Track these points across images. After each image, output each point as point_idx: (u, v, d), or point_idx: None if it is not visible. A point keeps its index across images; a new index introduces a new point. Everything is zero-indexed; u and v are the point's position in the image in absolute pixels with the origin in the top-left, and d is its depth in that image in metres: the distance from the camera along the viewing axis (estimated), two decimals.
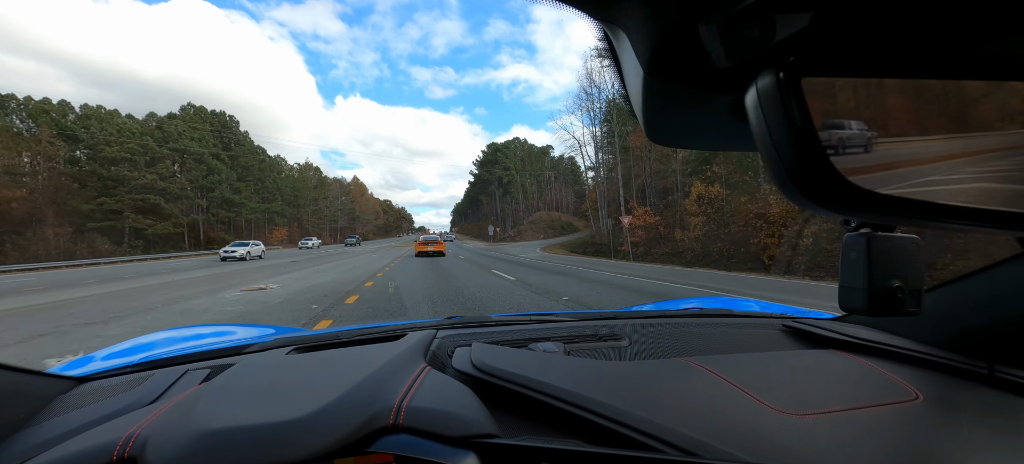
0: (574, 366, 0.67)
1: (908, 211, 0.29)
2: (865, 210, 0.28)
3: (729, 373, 0.66)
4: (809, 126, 0.26)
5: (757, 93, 0.28)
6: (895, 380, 0.64)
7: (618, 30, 0.34)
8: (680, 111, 0.40)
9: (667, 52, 0.31)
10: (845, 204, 0.28)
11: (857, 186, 0.27)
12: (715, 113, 0.39)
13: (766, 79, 0.27)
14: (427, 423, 0.51)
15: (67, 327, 5.51)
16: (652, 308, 1.46)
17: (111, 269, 20.54)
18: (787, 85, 0.27)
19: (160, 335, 1.27)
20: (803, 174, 0.27)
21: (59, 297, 8.94)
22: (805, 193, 0.28)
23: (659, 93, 0.36)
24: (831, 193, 0.27)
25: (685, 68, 0.33)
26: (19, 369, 0.64)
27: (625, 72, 0.39)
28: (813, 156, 0.26)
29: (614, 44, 0.37)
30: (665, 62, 0.32)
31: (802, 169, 0.27)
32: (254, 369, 0.66)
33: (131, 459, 0.46)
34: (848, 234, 0.42)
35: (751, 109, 0.29)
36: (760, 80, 0.28)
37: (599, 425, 0.52)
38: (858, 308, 0.40)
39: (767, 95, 0.27)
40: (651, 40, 0.31)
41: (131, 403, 0.63)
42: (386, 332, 0.90)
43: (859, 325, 0.88)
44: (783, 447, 0.49)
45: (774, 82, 0.27)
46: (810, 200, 0.28)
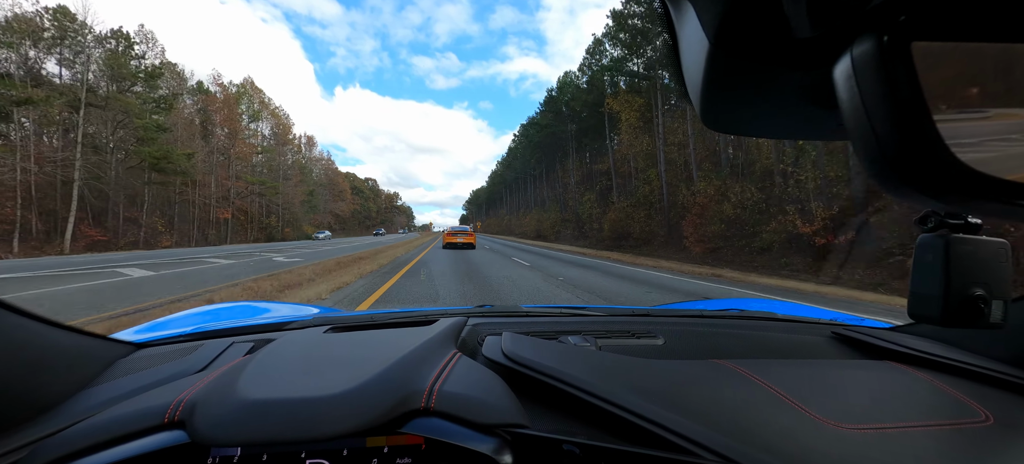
0: (606, 361, 0.67)
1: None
2: (983, 197, 0.24)
3: (772, 379, 0.63)
4: (919, 100, 0.23)
5: (852, 62, 0.24)
6: (961, 398, 0.61)
7: (682, 1, 0.32)
8: (744, 93, 0.36)
9: (739, 21, 0.29)
10: (955, 190, 0.24)
11: (976, 170, 0.23)
12: (784, 94, 0.35)
13: (865, 45, 0.24)
14: (458, 408, 0.52)
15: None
16: (688, 307, 1.41)
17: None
18: (892, 51, 0.23)
19: (208, 308, 1.44)
20: (906, 156, 0.24)
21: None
22: (905, 177, 0.24)
23: (723, 71, 0.33)
24: (939, 177, 0.24)
25: (758, 40, 0.30)
26: (88, 333, 0.71)
27: (684, 48, 0.36)
28: (920, 134, 0.23)
29: (674, 18, 0.35)
30: (735, 33, 0.29)
31: (905, 150, 0.23)
32: (293, 345, 0.70)
33: (180, 422, 0.51)
34: (923, 235, 0.39)
35: (842, 81, 0.25)
36: (857, 46, 0.24)
37: (631, 423, 0.51)
38: (930, 317, 0.38)
39: (866, 63, 0.24)
40: (722, 6, 0.28)
41: (181, 370, 0.69)
42: (418, 317, 0.94)
43: (919, 336, 0.85)
44: (832, 461, 0.47)
45: (875, 48, 0.24)
46: (911, 185, 0.24)
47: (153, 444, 0.49)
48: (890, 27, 0.23)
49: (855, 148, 0.25)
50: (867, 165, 0.25)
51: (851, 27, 0.25)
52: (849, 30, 0.25)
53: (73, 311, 5.29)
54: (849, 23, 0.25)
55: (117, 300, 6.17)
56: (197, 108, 41.52)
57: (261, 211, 48.75)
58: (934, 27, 0.23)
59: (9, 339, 0.56)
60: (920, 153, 0.23)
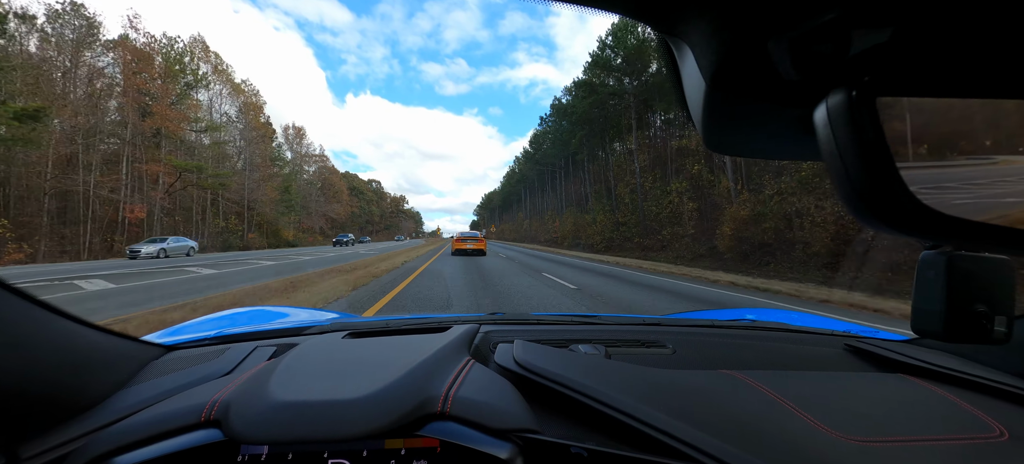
0: (615, 370, 0.68)
1: (983, 236, 0.28)
2: (938, 233, 0.28)
3: (783, 391, 0.63)
4: (882, 146, 0.26)
5: (827, 110, 0.27)
6: (975, 413, 0.60)
7: (681, 43, 0.34)
8: (742, 123, 0.39)
9: (732, 66, 0.31)
10: (918, 226, 0.27)
11: (931, 208, 0.26)
12: (779, 125, 0.38)
13: (838, 97, 0.27)
14: (473, 413, 0.55)
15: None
16: (699, 317, 1.36)
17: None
18: (860, 104, 0.26)
19: (229, 313, 1.46)
20: (874, 194, 0.26)
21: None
22: (875, 213, 0.27)
23: (720, 105, 0.35)
24: (903, 214, 0.26)
25: (750, 83, 0.32)
26: (124, 335, 0.73)
27: (685, 83, 0.38)
28: (885, 176, 0.26)
29: (675, 55, 0.37)
30: (729, 76, 0.32)
31: (873, 189, 0.26)
32: (316, 350, 0.74)
33: (215, 421, 0.54)
34: (925, 252, 0.40)
35: (820, 126, 0.28)
36: (831, 98, 0.27)
37: (640, 432, 0.52)
38: (933, 332, 0.39)
39: (838, 113, 0.27)
40: (715, 54, 0.30)
41: (211, 372, 0.73)
42: (432, 324, 0.97)
43: (934, 350, 0.84)
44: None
45: (846, 100, 0.26)
46: (880, 221, 0.27)
47: (191, 441, 0.53)
48: (859, 83, 0.26)
49: (833, 183, 0.28)
50: (842, 198, 0.28)
51: (830, 75, 0.27)
52: (828, 78, 0.27)
53: None
54: (828, 72, 0.27)
55: None
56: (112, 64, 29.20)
57: (214, 209, 36.55)
58: (895, 83, 0.26)
59: (56, 340, 0.58)
60: (886, 194, 0.26)
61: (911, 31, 0.25)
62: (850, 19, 0.25)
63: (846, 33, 0.25)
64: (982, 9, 0.24)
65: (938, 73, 0.27)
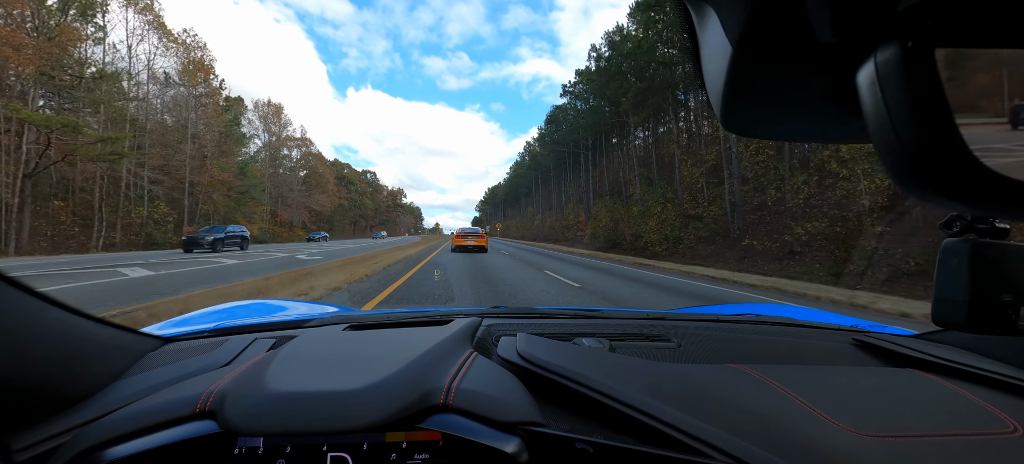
0: (620, 363, 0.67)
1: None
2: (1004, 201, 0.24)
3: (791, 385, 0.63)
4: (942, 105, 0.23)
5: (876, 68, 0.25)
6: (987, 408, 0.59)
7: (705, 6, 0.32)
8: (766, 95, 0.36)
9: (762, 27, 0.29)
10: (980, 195, 0.24)
11: (998, 174, 0.23)
12: (804, 97, 0.35)
13: (889, 51, 0.24)
14: (476, 405, 0.54)
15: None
16: (704, 311, 1.33)
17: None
18: (917, 57, 0.23)
19: (229, 306, 1.42)
20: (929, 159, 0.23)
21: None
22: (929, 182, 0.24)
23: (745, 74, 0.33)
24: (964, 182, 0.24)
25: (781, 45, 0.30)
26: (120, 326, 0.72)
27: (705, 52, 0.36)
28: (945, 139, 0.23)
29: (695, 21, 0.35)
30: (759, 38, 0.29)
31: (929, 154, 0.23)
32: (315, 342, 0.73)
33: (211, 412, 0.53)
34: (948, 239, 0.39)
35: (865, 86, 0.25)
36: (881, 52, 0.24)
37: (644, 424, 0.52)
38: (955, 322, 0.37)
39: (890, 69, 0.24)
40: (745, 13, 0.28)
41: (209, 364, 0.71)
42: (434, 317, 0.95)
43: (944, 345, 0.83)
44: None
45: (899, 54, 0.23)
46: (934, 189, 0.24)
47: (185, 432, 0.51)
48: (914, 33, 0.23)
49: (878, 152, 0.25)
50: (889, 169, 0.25)
51: (874, 33, 0.25)
52: (872, 36, 0.25)
53: None
54: (872, 29, 0.25)
55: None
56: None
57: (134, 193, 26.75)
58: (958, 33, 0.23)
59: (49, 331, 0.57)
60: (944, 158, 0.23)
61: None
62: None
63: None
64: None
65: (1003, 20, 0.24)
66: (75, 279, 8.39)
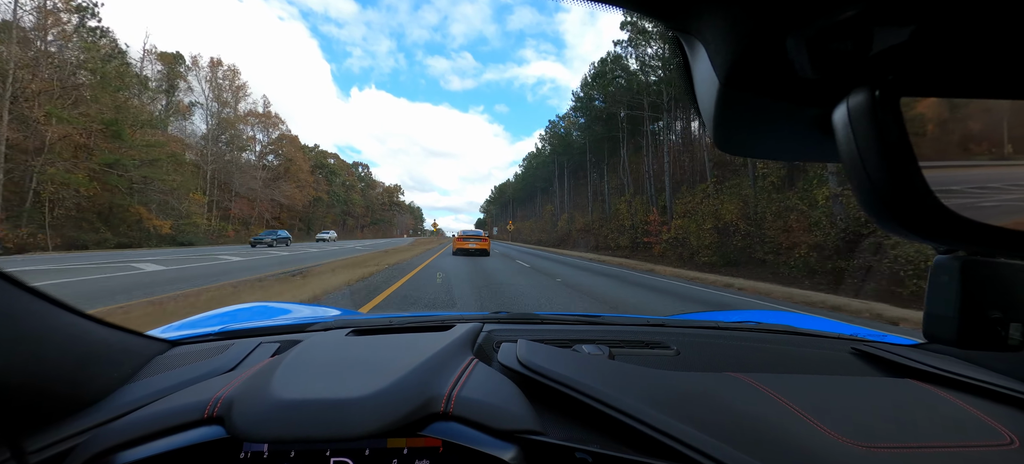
0: (619, 371, 0.70)
1: (1008, 242, 0.27)
2: (962, 239, 0.27)
3: (789, 394, 0.65)
4: (905, 147, 0.25)
5: (848, 110, 0.27)
6: (986, 420, 0.61)
7: (694, 40, 0.34)
8: (755, 123, 0.38)
9: (747, 64, 0.30)
10: (940, 231, 0.26)
11: (956, 214, 0.26)
12: (793, 125, 0.37)
13: (859, 97, 0.26)
14: (476, 414, 0.56)
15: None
16: (703, 318, 1.40)
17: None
18: (884, 103, 0.25)
19: (232, 309, 1.49)
20: (895, 197, 0.26)
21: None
22: (895, 217, 0.26)
23: (734, 105, 0.35)
24: (925, 219, 0.26)
25: (765, 81, 0.32)
26: (129, 330, 0.75)
27: (697, 81, 0.38)
28: (908, 179, 0.25)
29: (688, 52, 0.37)
30: (744, 74, 0.31)
31: (895, 193, 0.25)
32: (319, 348, 0.76)
33: (219, 417, 0.55)
34: (938, 257, 0.41)
35: (839, 126, 0.27)
36: (852, 97, 0.26)
37: (643, 434, 0.53)
38: (946, 338, 0.39)
39: (859, 113, 0.26)
40: (730, 52, 0.30)
41: (215, 368, 0.75)
42: (435, 322, 1.00)
43: (944, 356, 0.86)
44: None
45: (868, 100, 0.26)
46: (901, 225, 0.27)
47: (194, 438, 0.54)
48: (881, 82, 0.25)
49: (851, 185, 0.28)
50: (861, 202, 0.27)
51: (848, 75, 0.27)
52: (846, 77, 0.27)
53: None
54: (848, 71, 0.27)
55: None
56: None
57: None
58: (920, 84, 0.26)
59: (61, 334, 0.59)
60: (908, 197, 0.25)
61: (934, 29, 0.25)
62: (871, 16, 0.24)
63: (867, 31, 0.25)
64: (1006, 6, 0.24)
65: (962, 72, 0.26)
66: None
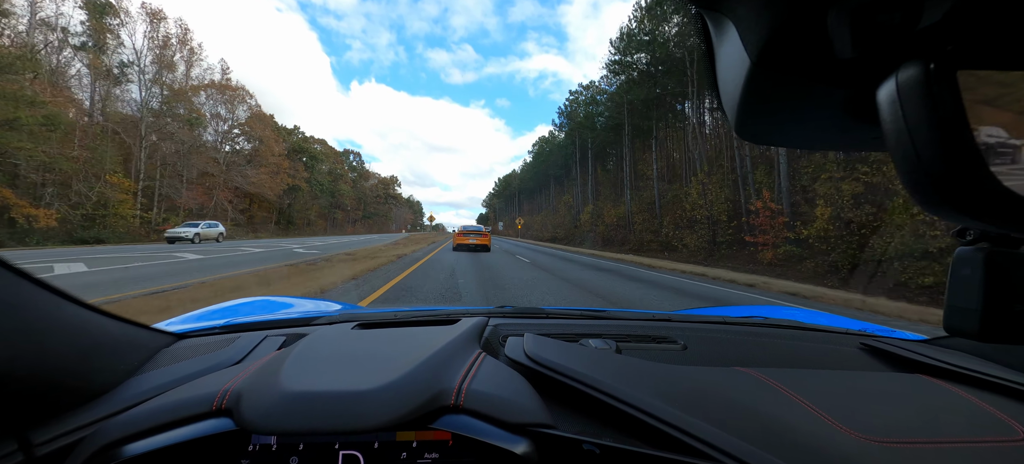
0: (626, 365, 0.71)
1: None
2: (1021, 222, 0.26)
3: (797, 389, 0.66)
4: (962, 124, 0.24)
5: (897, 86, 0.26)
6: (997, 415, 0.62)
7: (723, 18, 0.33)
8: (783, 107, 0.37)
9: (782, 41, 0.30)
10: (997, 215, 0.26)
11: (1019, 195, 0.25)
12: (823, 109, 0.36)
13: (911, 71, 0.25)
14: (487, 407, 0.57)
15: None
16: (710, 313, 1.42)
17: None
18: (939, 78, 0.24)
19: (236, 303, 1.52)
20: (949, 178, 0.25)
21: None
22: (949, 200, 0.25)
23: (763, 86, 0.34)
24: (982, 201, 0.25)
25: (799, 60, 0.31)
26: (135, 322, 0.77)
27: (722, 64, 0.37)
28: (964, 159, 0.24)
29: (713, 33, 0.37)
30: (777, 53, 0.30)
31: (948, 173, 0.25)
32: (325, 341, 0.78)
33: (227, 410, 0.56)
34: (961, 248, 0.40)
35: (886, 104, 0.27)
36: (903, 71, 0.26)
37: (651, 427, 0.54)
38: (968, 331, 0.38)
39: (912, 89, 0.25)
40: (766, 28, 0.29)
41: (221, 361, 0.77)
42: (441, 316, 1.03)
43: (955, 352, 0.87)
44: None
45: (921, 74, 0.25)
46: (954, 208, 0.26)
47: (202, 429, 0.54)
48: (936, 55, 0.25)
49: (897, 166, 0.27)
50: (908, 183, 0.27)
51: (894, 51, 0.26)
52: (892, 54, 0.26)
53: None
54: (892, 47, 0.26)
55: None
56: None
57: None
58: (980, 56, 0.25)
59: (67, 326, 0.60)
60: (963, 177, 0.24)
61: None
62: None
63: (917, 1, 0.24)
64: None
65: (1017, 44, 0.25)
66: None
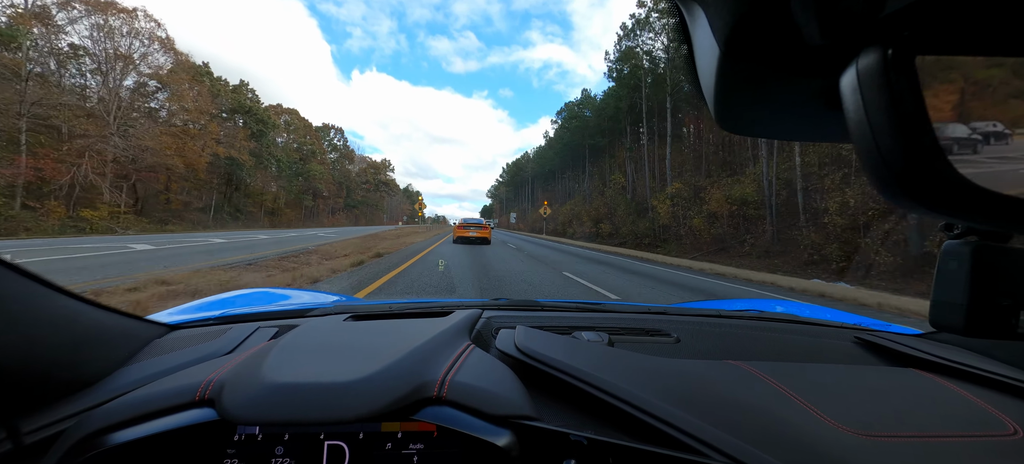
0: (618, 358, 0.72)
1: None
2: (983, 215, 0.25)
3: (790, 383, 0.67)
4: (921, 113, 0.24)
5: (857, 73, 0.25)
6: (989, 410, 0.63)
7: (693, 4, 0.33)
8: (758, 97, 0.37)
9: (749, 29, 0.29)
10: (958, 206, 0.25)
11: (978, 186, 0.24)
12: (798, 99, 0.36)
13: (870, 57, 0.24)
14: (469, 398, 0.57)
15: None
16: (704, 306, 1.44)
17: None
18: (897, 64, 0.24)
19: (233, 294, 1.51)
20: (909, 169, 0.24)
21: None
22: (908, 191, 0.25)
23: (735, 76, 0.33)
24: (942, 192, 0.24)
25: (769, 48, 0.30)
26: (127, 313, 0.78)
27: (697, 52, 0.37)
28: (922, 148, 0.24)
29: (687, 20, 0.36)
30: (746, 41, 0.30)
31: (908, 163, 0.24)
32: (315, 332, 0.79)
33: (210, 400, 0.57)
34: (948, 241, 0.40)
35: (848, 92, 0.26)
36: (863, 58, 0.25)
37: (640, 421, 0.55)
38: (953, 326, 0.38)
39: (870, 75, 0.24)
40: (731, 15, 0.29)
41: (211, 352, 0.78)
42: (434, 308, 1.04)
43: (947, 345, 0.89)
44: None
45: (880, 60, 0.24)
46: (913, 199, 0.25)
47: (184, 420, 0.55)
48: (895, 40, 0.24)
49: (860, 160, 0.26)
50: (870, 176, 0.26)
51: (858, 37, 0.25)
52: (856, 40, 0.26)
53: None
54: (857, 34, 0.25)
55: None
56: None
57: None
58: (939, 41, 0.24)
59: (57, 317, 0.61)
60: (922, 167, 0.24)
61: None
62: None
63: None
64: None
65: (983, 27, 0.24)
66: None
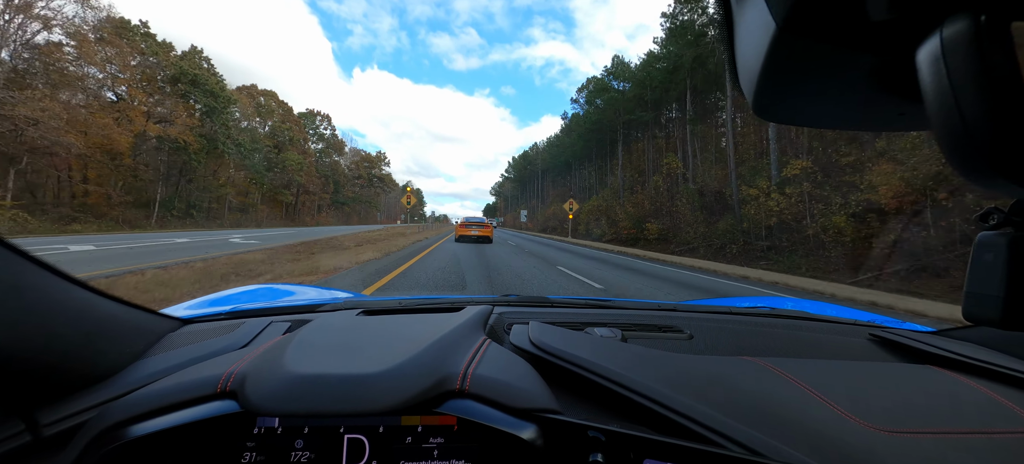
0: (632, 353, 0.73)
1: None
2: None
3: (805, 378, 0.67)
4: (1018, 83, 0.22)
5: (941, 43, 0.24)
6: (1008, 406, 0.62)
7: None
8: (806, 78, 0.35)
9: (811, 2, 0.28)
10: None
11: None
12: (849, 80, 0.34)
13: (958, 26, 0.23)
14: (492, 392, 0.57)
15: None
16: (717, 303, 1.46)
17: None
18: (991, 32, 0.22)
19: (246, 289, 1.52)
20: (1002, 143, 0.23)
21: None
22: (1000, 167, 0.23)
23: (787, 55, 0.31)
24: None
25: (830, 21, 0.29)
26: (142, 307, 0.78)
27: (742, 31, 0.35)
28: (1017, 118, 0.22)
29: (732, 2, 0.35)
30: (806, 14, 0.28)
31: (1001, 137, 0.23)
32: (330, 326, 0.79)
33: (232, 392, 0.57)
34: (983, 233, 0.39)
35: (927, 64, 0.25)
36: (948, 27, 0.24)
37: (656, 414, 0.55)
38: (989, 319, 0.37)
39: (958, 45, 0.23)
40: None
41: (227, 345, 0.79)
42: (446, 304, 1.04)
43: (965, 342, 0.87)
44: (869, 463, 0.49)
45: (970, 28, 0.23)
46: (1006, 175, 0.24)
47: (207, 411, 0.55)
48: (987, 7, 0.23)
49: (937, 135, 0.25)
50: (951, 152, 0.25)
51: (932, 9, 0.24)
52: (930, 12, 0.24)
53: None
54: (932, 4, 0.24)
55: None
56: None
57: None
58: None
59: (74, 310, 0.61)
60: (1014, 137, 0.22)
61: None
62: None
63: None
64: None
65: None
66: None
